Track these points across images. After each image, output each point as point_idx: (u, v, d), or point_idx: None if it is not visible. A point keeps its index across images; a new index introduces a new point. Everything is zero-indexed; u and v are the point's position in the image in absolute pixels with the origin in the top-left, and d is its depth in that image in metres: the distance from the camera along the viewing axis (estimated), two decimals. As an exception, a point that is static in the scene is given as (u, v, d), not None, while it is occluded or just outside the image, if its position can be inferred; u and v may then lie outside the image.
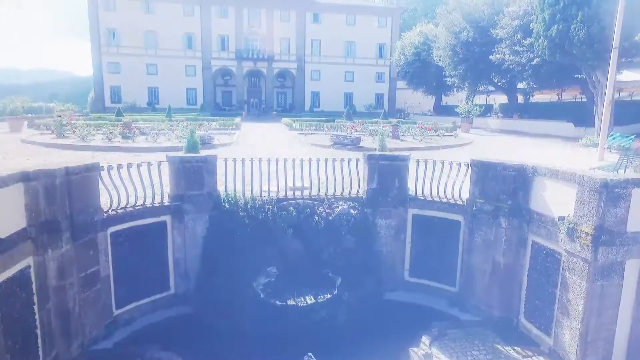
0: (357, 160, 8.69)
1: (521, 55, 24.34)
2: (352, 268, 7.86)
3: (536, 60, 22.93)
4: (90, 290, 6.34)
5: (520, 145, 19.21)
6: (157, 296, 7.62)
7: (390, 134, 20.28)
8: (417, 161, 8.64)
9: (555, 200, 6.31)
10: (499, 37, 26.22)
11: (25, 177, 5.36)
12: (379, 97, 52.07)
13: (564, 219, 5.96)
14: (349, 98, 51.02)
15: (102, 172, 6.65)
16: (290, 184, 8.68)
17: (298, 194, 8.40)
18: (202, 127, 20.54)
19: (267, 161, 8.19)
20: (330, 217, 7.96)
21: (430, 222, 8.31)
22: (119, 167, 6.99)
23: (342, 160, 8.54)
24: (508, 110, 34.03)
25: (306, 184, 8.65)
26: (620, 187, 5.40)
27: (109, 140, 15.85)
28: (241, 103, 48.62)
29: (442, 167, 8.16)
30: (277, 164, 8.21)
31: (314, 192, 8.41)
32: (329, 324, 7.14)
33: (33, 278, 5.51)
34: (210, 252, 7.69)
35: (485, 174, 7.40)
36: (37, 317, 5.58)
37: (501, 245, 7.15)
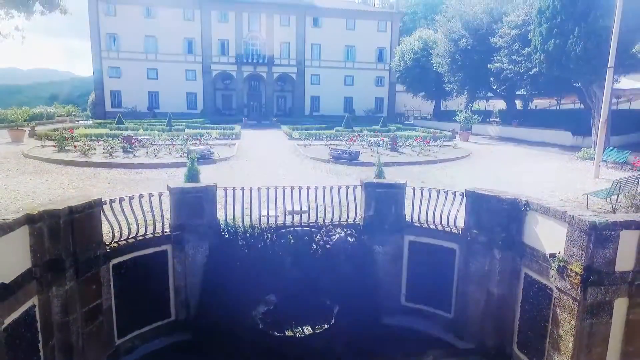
0: (355, 187, 8.84)
1: (519, 65, 24.46)
2: (350, 295, 8.00)
3: (534, 70, 23.05)
4: (93, 323, 6.49)
5: (519, 157, 19.35)
6: (158, 323, 7.78)
7: (389, 146, 20.44)
8: (413, 188, 8.79)
9: (547, 236, 6.45)
10: (497, 45, 26.36)
11: (30, 220, 5.49)
12: (379, 101, 52.24)
13: (555, 257, 6.10)
14: (348, 102, 51.22)
15: (104, 206, 6.79)
16: (288, 208, 8.82)
17: (297, 219, 8.53)
18: (201, 139, 20.68)
19: (267, 189, 8.33)
20: (327, 246, 8.11)
21: (427, 249, 8.45)
22: (121, 199, 7.14)
23: (339, 187, 8.69)
24: (507, 117, 34.18)
25: (304, 207, 8.78)
26: (608, 230, 5.54)
27: (110, 155, 15.99)
28: (241, 107, 48.78)
29: (438, 195, 8.31)
30: (275, 192, 8.36)
31: (312, 218, 8.54)
32: (327, 353, 7.30)
33: (38, 317, 5.66)
34: (210, 280, 7.83)
35: (480, 206, 7.53)
36: (41, 353, 5.73)
37: (495, 276, 7.30)
